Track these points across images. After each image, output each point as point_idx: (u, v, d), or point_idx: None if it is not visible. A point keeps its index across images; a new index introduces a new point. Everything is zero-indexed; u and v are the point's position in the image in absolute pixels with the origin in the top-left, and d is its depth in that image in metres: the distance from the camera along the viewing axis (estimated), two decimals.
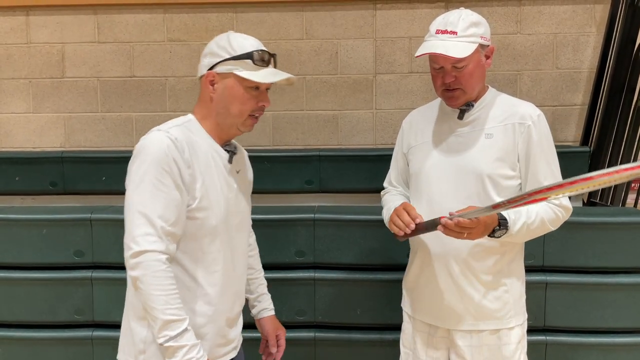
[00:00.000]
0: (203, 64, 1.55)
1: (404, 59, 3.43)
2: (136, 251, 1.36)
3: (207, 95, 1.53)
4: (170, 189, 1.40)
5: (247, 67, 1.50)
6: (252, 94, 1.53)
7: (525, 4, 3.36)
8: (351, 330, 2.49)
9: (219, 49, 1.51)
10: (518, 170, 1.71)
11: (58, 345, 2.50)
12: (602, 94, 3.29)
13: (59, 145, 3.55)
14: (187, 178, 1.43)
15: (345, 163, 3.27)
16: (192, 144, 1.47)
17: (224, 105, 1.52)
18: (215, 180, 1.51)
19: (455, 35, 1.64)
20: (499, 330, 1.74)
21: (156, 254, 1.37)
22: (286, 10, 3.43)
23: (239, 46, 1.50)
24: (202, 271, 1.49)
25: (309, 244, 2.49)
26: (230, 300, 1.57)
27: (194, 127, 1.52)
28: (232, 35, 1.53)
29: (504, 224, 1.61)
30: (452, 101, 1.73)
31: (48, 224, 2.48)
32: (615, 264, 2.43)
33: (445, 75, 1.68)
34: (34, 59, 3.52)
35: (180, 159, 1.42)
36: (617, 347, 2.41)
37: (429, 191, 1.76)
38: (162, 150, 1.40)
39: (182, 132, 1.47)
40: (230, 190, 1.55)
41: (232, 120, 1.54)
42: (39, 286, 2.48)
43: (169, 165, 1.40)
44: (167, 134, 1.43)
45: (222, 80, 1.51)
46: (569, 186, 1.32)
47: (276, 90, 3.48)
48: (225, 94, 1.51)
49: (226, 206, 1.52)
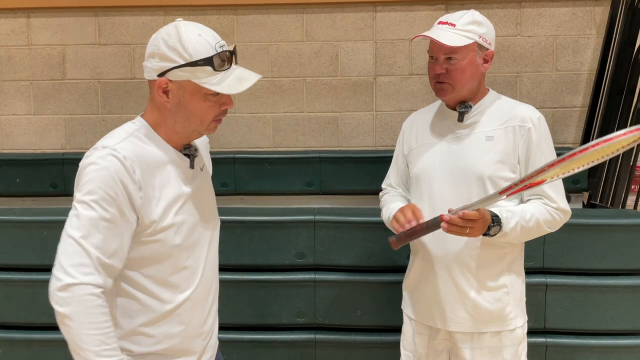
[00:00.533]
0: (151, 66, 1.31)
1: (404, 61, 3.44)
2: (66, 284, 1.20)
3: (160, 102, 1.33)
4: (114, 217, 1.24)
5: (206, 73, 1.28)
6: (213, 100, 1.33)
7: (525, 6, 3.36)
8: (351, 332, 2.49)
9: (169, 52, 1.28)
10: (518, 172, 1.71)
11: (58, 347, 2.50)
12: (602, 95, 3.29)
13: (60, 147, 3.55)
14: (139, 201, 1.28)
15: (346, 165, 3.27)
16: (144, 158, 1.30)
17: (182, 116, 1.33)
18: (176, 192, 1.35)
19: (454, 27, 1.68)
20: (500, 333, 1.74)
21: (91, 287, 1.20)
22: (286, 13, 3.44)
23: (194, 50, 1.28)
24: (171, 292, 1.36)
25: (309, 246, 2.49)
26: (204, 313, 1.46)
27: (145, 136, 1.34)
28: (183, 32, 1.30)
29: (497, 220, 1.62)
30: (441, 94, 1.74)
31: (49, 225, 2.48)
32: (615, 266, 2.43)
33: (437, 66, 1.70)
34: (35, 60, 3.52)
35: (129, 182, 1.26)
36: (618, 349, 2.41)
37: (430, 193, 1.76)
38: (108, 175, 1.24)
39: (132, 146, 1.30)
40: (194, 196, 1.40)
41: (193, 128, 1.36)
42: (40, 288, 2.47)
43: (114, 190, 1.24)
44: (114, 153, 1.26)
45: (177, 89, 1.31)
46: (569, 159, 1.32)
47: (276, 92, 3.49)
48: (183, 104, 1.32)
49: (191, 218, 1.39)
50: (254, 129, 3.51)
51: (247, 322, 2.49)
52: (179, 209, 1.36)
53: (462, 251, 1.72)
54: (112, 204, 1.24)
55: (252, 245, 2.50)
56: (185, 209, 1.38)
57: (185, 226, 1.37)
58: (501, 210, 1.64)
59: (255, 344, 2.47)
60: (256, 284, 2.48)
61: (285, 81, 3.48)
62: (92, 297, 1.21)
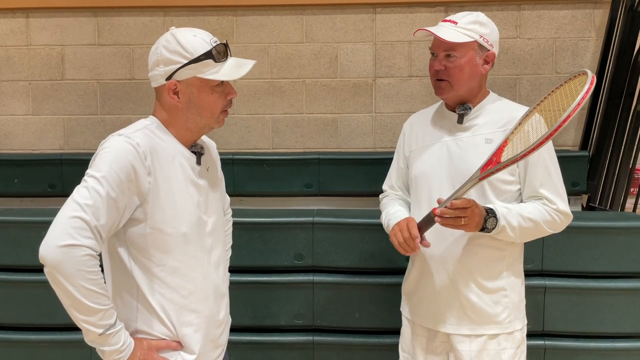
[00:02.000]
0: (157, 73, 1.44)
1: (403, 63, 3.44)
2: (68, 244, 1.27)
3: (171, 104, 1.45)
4: (117, 198, 1.32)
5: (208, 66, 1.41)
6: (219, 91, 1.46)
7: (524, 9, 3.37)
8: (350, 334, 2.49)
9: (172, 55, 1.41)
10: (517, 175, 1.71)
11: (56, 348, 2.49)
12: (601, 98, 3.29)
13: (58, 148, 3.54)
14: (146, 186, 1.37)
15: (345, 166, 3.27)
16: (155, 149, 1.40)
17: (194, 112, 1.45)
18: (183, 186, 1.45)
19: (455, 24, 1.69)
20: (499, 335, 1.74)
21: (90, 250, 1.29)
22: (286, 14, 3.44)
23: (194, 47, 1.40)
24: (181, 280, 1.45)
25: (307, 247, 2.49)
26: (215, 303, 1.54)
27: (158, 130, 1.45)
28: (179, 35, 1.42)
29: (492, 212, 1.62)
30: (440, 92, 1.75)
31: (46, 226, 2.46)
32: (614, 269, 2.43)
33: (436, 62, 1.71)
34: (34, 61, 3.52)
35: (140, 167, 1.35)
36: (617, 352, 2.40)
37: (429, 195, 1.76)
38: (120, 157, 1.33)
39: (145, 137, 1.40)
40: (200, 192, 1.49)
41: (205, 122, 1.48)
42: (38, 288, 2.47)
43: (124, 172, 1.33)
44: (128, 140, 1.36)
45: (185, 88, 1.43)
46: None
47: (276, 93, 3.49)
48: (193, 101, 1.44)
49: (196, 211, 1.47)
50: (253, 130, 3.51)
51: (245, 324, 2.49)
52: (185, 200, 1.44)
53: (461, 253, 1.71)
54: (118, 185, 1.32)
55: (250, 246, 2.50)
56: (191, 200, 1.46)
57: (191, 216, 1.45)
58: (496, 205, 1.65)
59: (253, 345, 2.46)
60: (254, 286, 2.48)
61: (284, 82, 3.48)
62: (90, 258, 1.29)
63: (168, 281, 1.43)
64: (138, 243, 1.41)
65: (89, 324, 1.31)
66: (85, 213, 1.28)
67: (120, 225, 1.38)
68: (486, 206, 1.64)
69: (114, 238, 1.42)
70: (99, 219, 1.30)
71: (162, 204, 1.40)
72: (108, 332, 1.33)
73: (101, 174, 1.32)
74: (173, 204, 1.42)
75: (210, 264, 1.52)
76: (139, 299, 1.43)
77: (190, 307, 1.46)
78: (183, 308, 1.45)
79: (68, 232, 1.28)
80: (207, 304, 1.50)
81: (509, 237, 1.68)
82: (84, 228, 1.28)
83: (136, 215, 1.39)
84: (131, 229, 1.40)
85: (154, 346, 1.43)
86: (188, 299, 1.46)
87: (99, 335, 1.32)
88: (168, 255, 1.42)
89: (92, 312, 1.30)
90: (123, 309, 1.44)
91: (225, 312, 1.61)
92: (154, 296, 1.43)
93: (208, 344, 1.52)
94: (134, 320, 1.44)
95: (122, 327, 1.37)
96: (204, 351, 1.50)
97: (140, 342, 1.41)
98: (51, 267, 1.28)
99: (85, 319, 1.31)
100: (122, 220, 1.37)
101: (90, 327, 1.32)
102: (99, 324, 1.31)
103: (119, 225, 1.37)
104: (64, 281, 1.27)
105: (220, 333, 1.57)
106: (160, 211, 1.40)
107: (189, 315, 1.46)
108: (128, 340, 1.37)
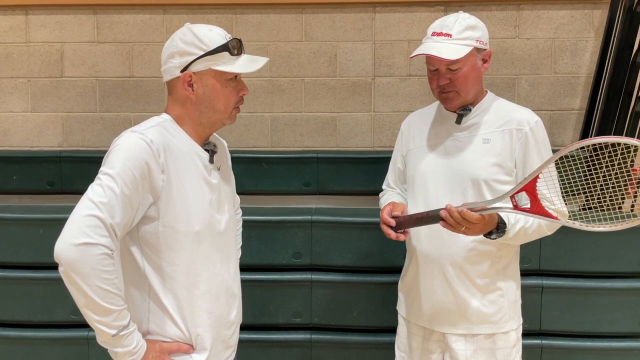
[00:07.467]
0: (172, 65, 1.43)
1: (402, 62, 3.44)
2: (83, 242, 1.25)
3: (184, 97, 1.44)
4: (131, 195, 1.31)
5: (223, 59, 1.42)
6: (232, 85, 1.46)
7: (523, 9, 3.37)
8: (347, 333, 2.49)
9: (189, 47, 1.41)
10: (514, 175, 1.71)
11: (54, 345, 2.49)
12: (599, 98, 3.30)
13: (57, 145, 3.55)
14: (160, 183, 1.36)
15: (343, 165, 3.28)
16: (169, 147, 1.40)
17: (207, 105, 1.45)
18: (196, 184, 1.44)
19: (450, 37, 1.66)
20: (494, 335, 1.75)
21: (105, 249, 1.28)
22: (285, 12, 3.44)
23: (210, 40, 1.41)
24: (194, 280, 1.44)
25: (306, 246, 2.49)
26: (227, 303, 1.53)
27: (171, 127, 1.45)
28: (195, 29, 1.43)
29: (502, 228, 1.62)
30: (447, 103, 1.74)
31: (45, 223, 2.48)
32: (611, 269, 2.44)
33: (440, 77, 1.69)
34: (33, 58, 3.52)
35: (154, 164, 1.35)
36: (613, 351, 2.41)
37: (425, 194, 1.76)
38: (134, 155, 1.33)
39: (159, 134, 1.39)
40: (212, 191, 1.48)
41: (218, 117, 1.47)
42: (36, 286, 2.47)
43: (138, 169, 1.32)
44: (142, 136, 1.36)
45: (200, 80, 1.43)
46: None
47: (275, 92, 3.49)
48: (207, 93, 1.43)
49: (209, 210, 1.46)
50: (252, 129, 3.51)
51: (243, 322, 2.48)
52: (198, 198, 1.43)
53: (458, 253, 1.72)
54: (132, 183, 1.32)
55: (248, 244, 2.50)
56: (204, 199, 1.45)
57: (204, 215, 1.44)
58: (509, 216, 1.63)
59: (251, 343, 2.47)
60: (252, 284, 2.48)
61: (283, 81, 3.48)
62: (106, 257, 1.28)
63: (180, 280, 1.42)
64: (151, 241, 1.40)
65: (102, 325, 1.30)
66: (100, 211, 1.27)
67: (134, 223, 1.37)
68: (501, 219, 1.62)
69: (127, 236, 1.41)
70: (114, 216, 1.29)
71: (175, 202, 1.39)
72: (121, 333, 1.32)
73: (115, 171, 1.31)
74: (186, 202, 1.40)
75: (222, 264, 1.51)
76: (150, 298, 1.42)
77: (202, 307, 1.45)
78: (195, 308, 1.44)
79: (83, 230, 1.26)
80: (218, 304, 1.49)
81: (508, 242, 1.69)
82: (99, 226, 1.27)
83: (149, 213, 1.38)
84: (144, 227, 1.39)
85: (166, 349, 1.42)
86: (200, 299, 1.45)
87: (112, 336, 1.31)
88: (180, 254, 1.41)
89: (107, 312, 1.29)
90: (134, 309, 1.43)
91: (237, 313, 1.59)
92: (166, 295, 1.42)
93: (219, 344, 1.51)
94: (145, 321, 1.43)
95: (136, 328, 1.36)
96: (215, 351, 1.49)
97: (153, 344, 1.40)
98: (67, 266, 1.26)
99: (99, 319, 1.29)
100: (136, 218, 1.36)
101: (104, 328, 1.30)
102: (112, 324, 1.30)
103: (132, 223, 1.36)
104: (79, 280, 1.26)
105: (231, 334, 1.56)
106: (174, 209, 1.39)
107: (201, 315, 1.45)
108: (141, 342, 1.36)
